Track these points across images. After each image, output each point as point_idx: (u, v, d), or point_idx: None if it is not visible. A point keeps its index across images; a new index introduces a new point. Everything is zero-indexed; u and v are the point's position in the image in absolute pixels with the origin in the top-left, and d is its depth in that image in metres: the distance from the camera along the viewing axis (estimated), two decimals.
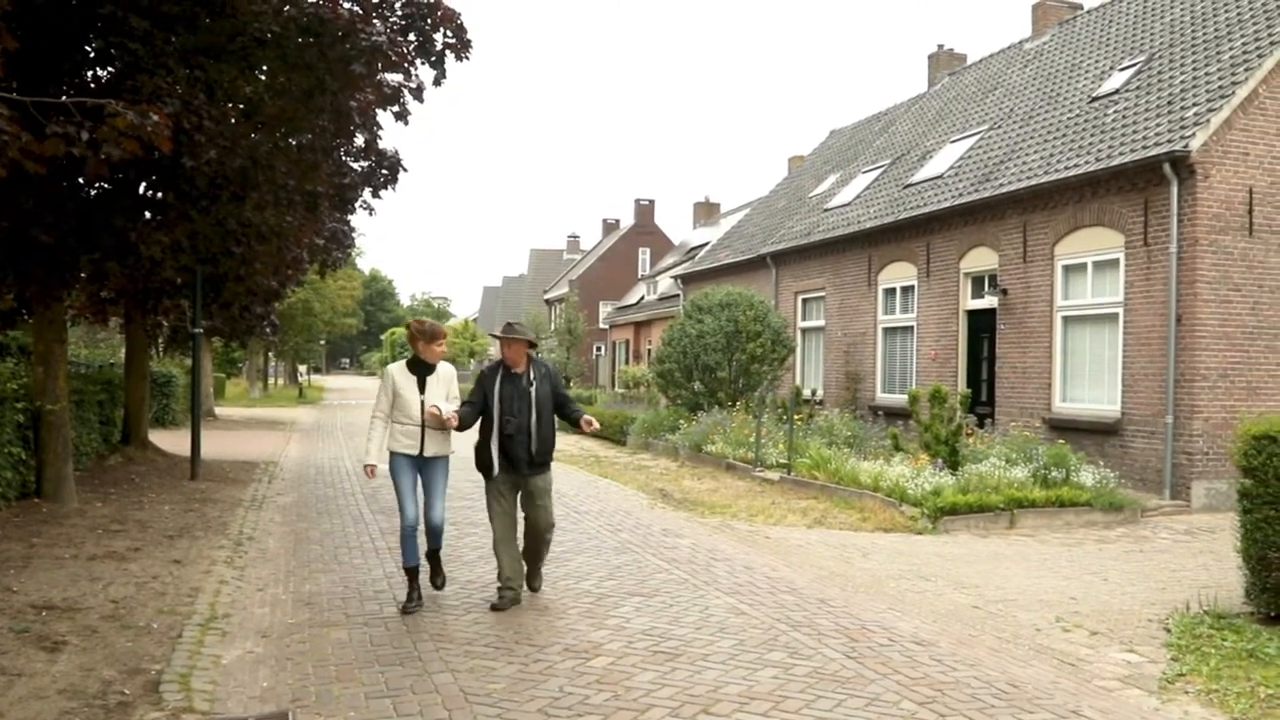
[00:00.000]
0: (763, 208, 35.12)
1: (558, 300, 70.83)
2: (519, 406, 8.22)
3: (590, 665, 6.71)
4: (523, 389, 8.28)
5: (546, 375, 8.47)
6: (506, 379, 8.32)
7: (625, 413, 27.69)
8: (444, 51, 12.33)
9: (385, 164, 17.06)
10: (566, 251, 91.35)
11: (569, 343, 55.79)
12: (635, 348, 51.08)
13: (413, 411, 8.24)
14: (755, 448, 18.32)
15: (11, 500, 12.15)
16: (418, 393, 8.28)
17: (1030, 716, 5.87)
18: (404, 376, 8.34)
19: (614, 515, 13.57)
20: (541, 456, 8.40)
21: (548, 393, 8.40)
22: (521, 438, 8.23)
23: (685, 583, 9.33)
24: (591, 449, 24.85)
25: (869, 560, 10.83)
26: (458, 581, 9.20)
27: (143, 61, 10.24)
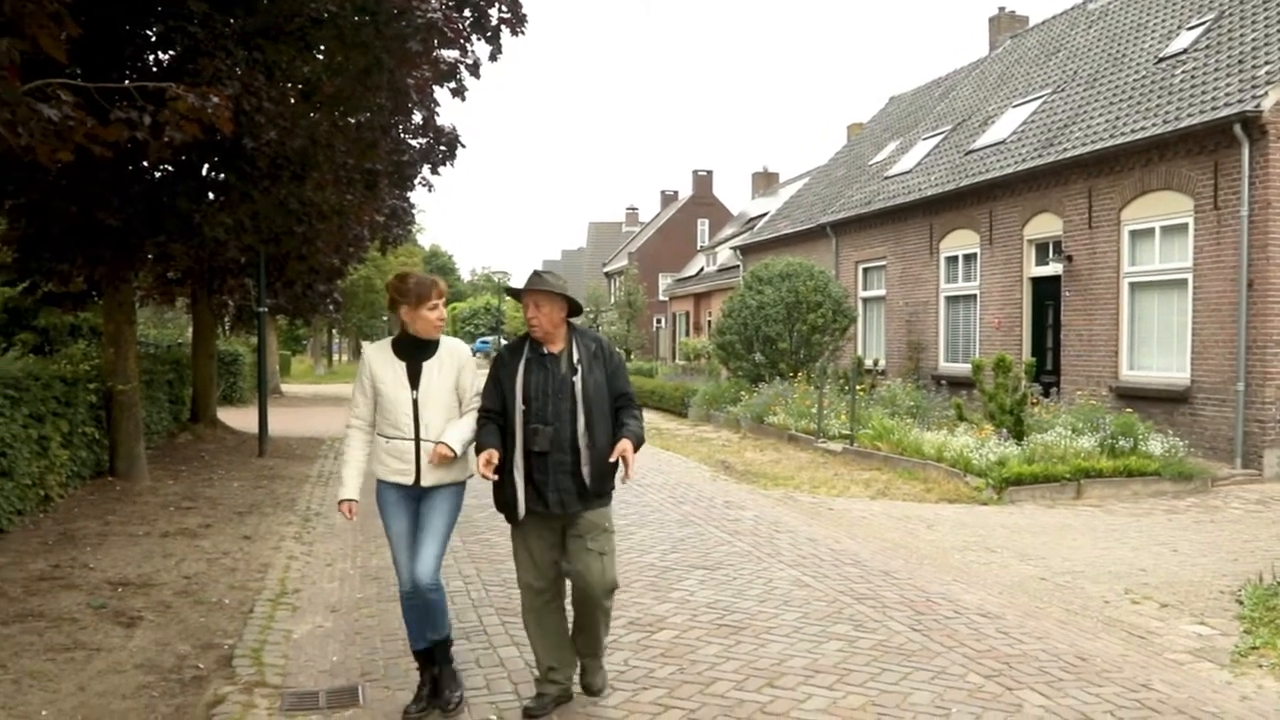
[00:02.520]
0: (822, 177, 34.87)
1: (617, 273, 70.87)
2: (555, 407, 5.23)
3: (655, 639, 6.74)
4: (560, 378, 5.27)
5: (598, 355, 5.40)
6: (534, 363, 5.32)
7: (686, 385, 27.68)
8: (499, 27, 12.32)
9: (443, 140, 17.11)
10: (625, 224, 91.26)
11: (629, 315, 55.81)
12: (695, 319, 51.02)
13: (400, 418, 5.44)
14: (817, 419, 18.25)
15: (86, 479, 12.42)
16: (408, 388, 5.45)
17: (1099, 690, 5.81)
18: (386, 363, 5.51)
19: (676, 488, 13.59)
20: (597, 485, 5.27)
21: (600, 384, 5.33)
22: (561, 458, 5.19)
23: (749, 555, 9.32)
24: (653, 421, 24.85)
25: (933, 532, 10.76)
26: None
27: (202, 44, 10.33)
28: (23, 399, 9.91)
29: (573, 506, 5.26)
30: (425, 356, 5.52)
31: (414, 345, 5.54)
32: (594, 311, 61.27)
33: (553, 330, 5.35)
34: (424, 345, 5.53)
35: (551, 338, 5.37)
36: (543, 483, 5.24)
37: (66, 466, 11.45)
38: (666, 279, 61.99)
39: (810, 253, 27.31)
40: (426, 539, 5.45)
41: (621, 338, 55.58)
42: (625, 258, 71.26)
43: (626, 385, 5.52)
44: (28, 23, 5.40)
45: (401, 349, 5.55)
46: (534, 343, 5.38)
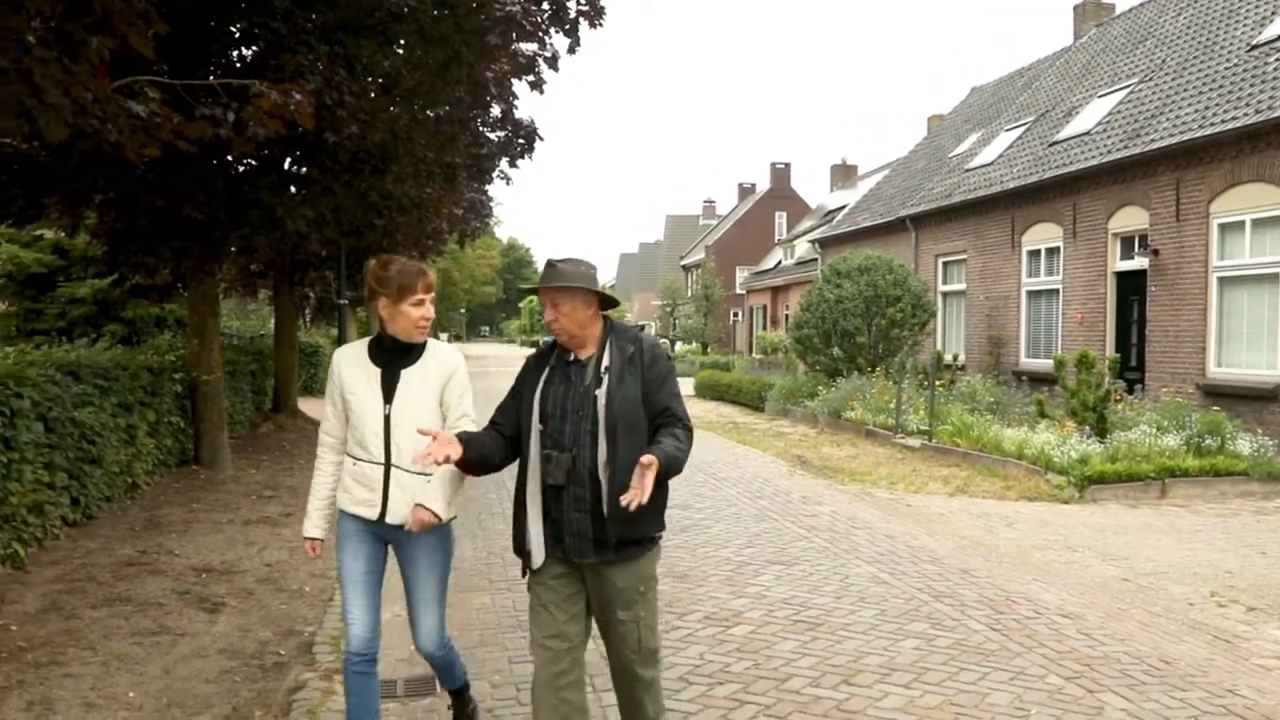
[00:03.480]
0: (901, 169, 34.52)
1: (694, 266, 70.79)
2: (574, 428, 4.15)
3: (730, 633, 6.72)
4: (582, 392, 4.19)
5: (634, 361, 4.22)
6: (558, 373, 4.29)
7: (763, 378, 27.57)
8: (578, 19, 12.34)
9: (522, 133, 17.21)
10: (702, 217, 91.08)
11: (706, 309, 55.72)
12: (772, 313, 50.79)
13: (368, 436, 4.48)
14: (895, 414, 18.08)
15: (172, 467, 12.68)
16: (380, 399, 4.48)
17: (1183, 694, 5.69)
18: (358, 368, 4.54)
19: (753, 482, 13.55)
20: (623, 529, 4.08)
21: (632, 397, 4.15)
22: (579, 492, 4.11)
23: (825, 551, 9.27)
24: (729, 415, 24.84)
25: (1013, 530, 10.61)
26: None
27: (285, 40, 10.47)
28: (111, 389, 10.14)
29: (589, 555, 4.11)
30: (405, 363, 4.51)
31: (393, 348, 4.51)
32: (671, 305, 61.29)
33: (579, 332, 4.22)
34: (406, 349, 4.51)
35: (580, 341, 4.25)
36: (557, 520, 4.15)
37: (153, 455, 11.69)
38: (743, 272, 61.77)
39: (889, 246, 27.05)
40: (421, 607, 4.62)
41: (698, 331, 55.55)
42: (702, 251, 71.16)
43: (671, 399, 4.19)
44: (118, 21, 5.51)
45: (378, 352, 4.53)
46: (562, 349, 4.32)
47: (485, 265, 59.02)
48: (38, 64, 4.80)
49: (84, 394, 9.42)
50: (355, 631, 4.52)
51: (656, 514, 4.17)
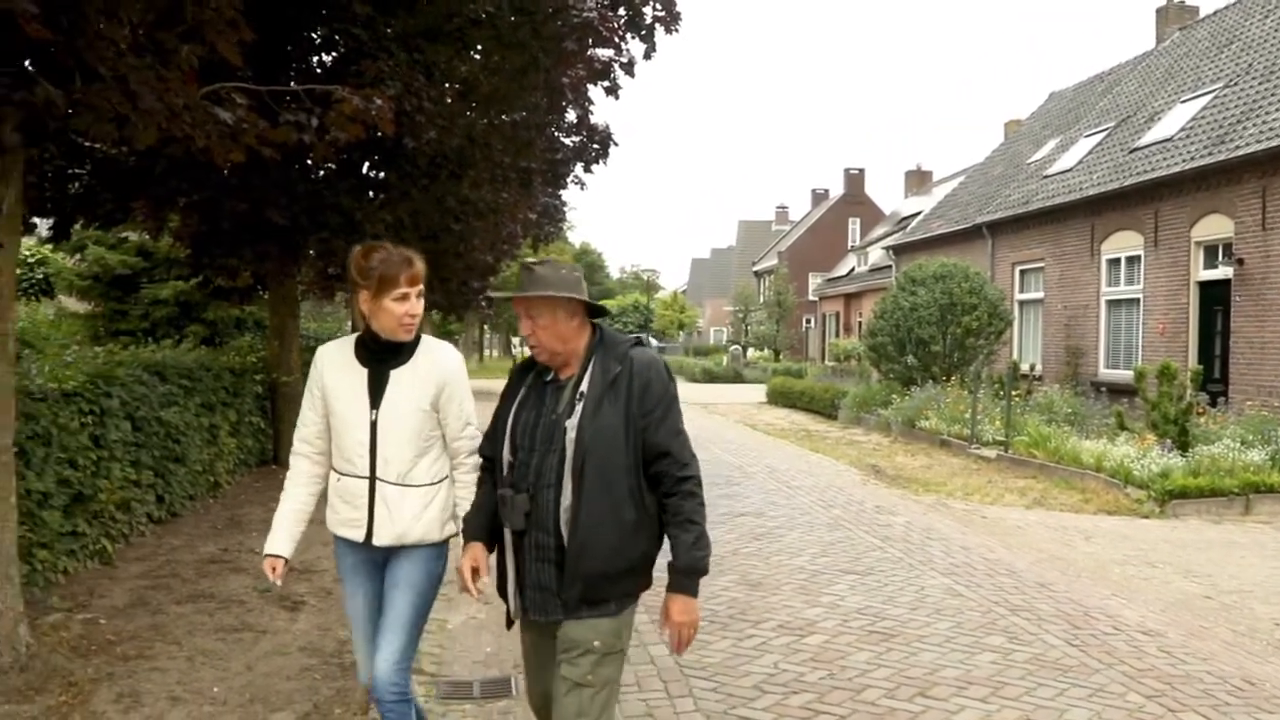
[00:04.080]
0: (978, 175, 34.17)
1: (766, 272, 70.60)
2: (540, 462, 3.61)
3: (805, 643, 6.69)
4: (552, 420, 3.63)
5: (619, 384, 3.59)
6: (534, 393, 3.77)
7: (836, 386, 27.42)
8: (653, 25, 12.36)
9: (596, 138, 17.28)
10: (775, 222, 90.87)
11: (778, 315, 55.51)
12: (845, 320, 50.48)
13: (353, 446, 4.01)
14: (971, 424, 17.89)
15: (252, 466, 12.91)
16: (366, 404, 4.00)
17: (1268, 717, 5.58)
18: (343, 369, 4.05)
19: (826, 491, 13.47)
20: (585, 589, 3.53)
21: (611, 429, 3.53)
22: (542, 539, 3.58)
23: (900, 562, 9.19)
24: (802, 423, 24.72)
25: (1091, 544, 10.46)
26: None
27: (365, 46, 10.60)
28: (196, 389, 10.34)
29: (552, 611, 3.58)
30: (395, 363, 4.00)
31: (380, 347, 4.00)
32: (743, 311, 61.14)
33: (562, 348, 3.64)
34: (396, 348, 4.00)
35: (562, 358, 3.67)
36: (526, 571, 3.64)
37: (234, 454, 11.91)
38: (816, 278, 61.49)
39: (965, 253, 26.77)
40: (383, 632, 4.02)
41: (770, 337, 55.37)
42: (775, 257, 70.96)
43: (671, 439, 3.52)
44: (207, 29, 5.62)
45: (364, 351, 4.03)
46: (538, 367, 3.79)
47: None
48: (133, 70, 4.91)
49: (170, 394, 9.61)
50: (362, 675, 4.23)
51: (634, 573, 3.58)
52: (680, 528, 3.55)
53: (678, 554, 3.54)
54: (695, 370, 49.27)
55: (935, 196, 44.88)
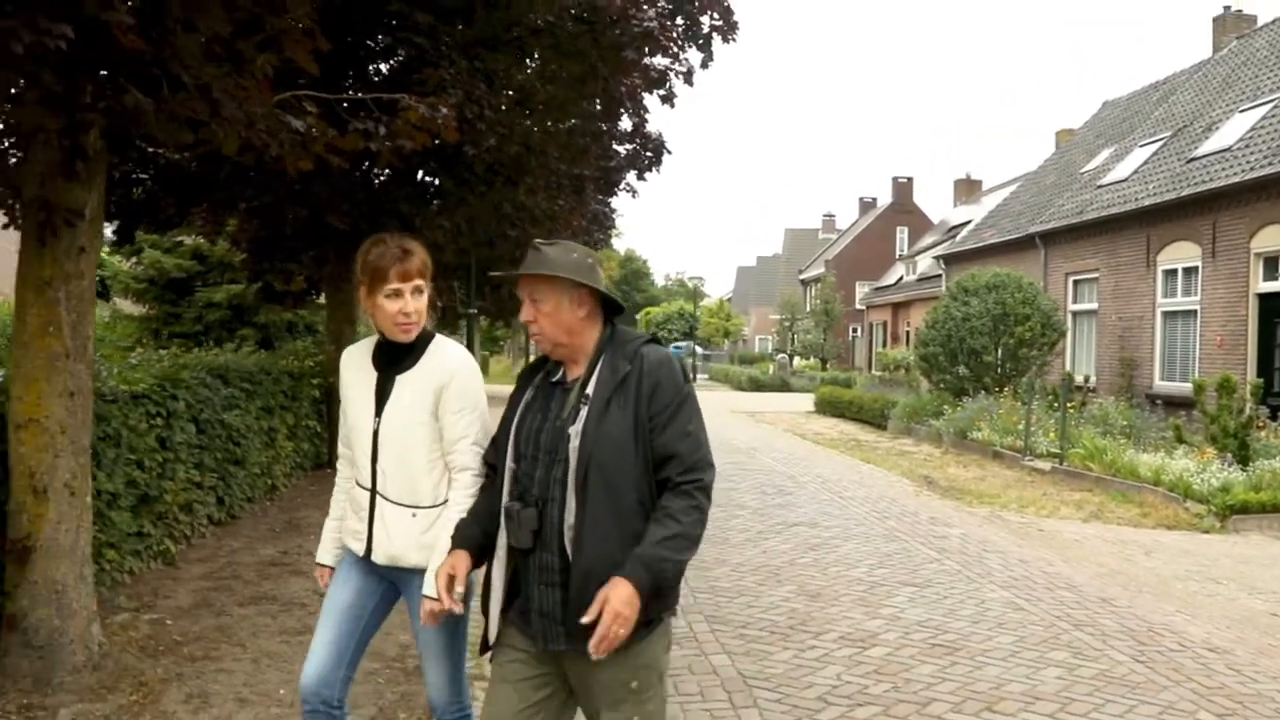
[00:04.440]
0: (1030, 185, 33.90)
1: (813, 280, 70.39)
2: (545, 473, 3.22)
3: (867, 655, 6.66)
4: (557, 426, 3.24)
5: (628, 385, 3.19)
6: (540, 395, 3.39)
7: (885, 396, 27.27)
8: (711, 34, 12.36)
9: (650, 146, 17.29)
10: (822, 231, 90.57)
11: (826, 324, 55.32)
12: (893, 329, 50.24)
13: (359, 456, 3.80)
14: (1024, 436, 17.74)
15: (308, 470, 13.01)
16: (371, 410, 3.75)
17: None
18: (358, 371, 3.84)
19: (879, 501, 13.40)
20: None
21: (619, 434, 3.14)
22: (548, 559, 3.19)
23: (958, 574, 9.13)
24: (851, 432, 24.61)
25: (1152, 559, 10.34)
26: (728, 564, 9.28)
27: (427, 54, 10.67)
28: (256, 392, 10.45)
29: (560, 641, 3.16)
30: (403, 368, 3.71)
31: (391, 349, 3.75)
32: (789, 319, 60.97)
33: (566, 340, 3.28)
34: (405, 350, 3.72)
35: (567, 353, 3.31)
36: (527, 595, 3.25)
37: (291, 457, 12.01)
38: (864, 287, 61.21)
39: (1017, 263, 26.55)
40: (427, 662, 3.86)
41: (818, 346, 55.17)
42: (822, 265, 70.77)
43: (680, 441, 3.13)
44: (285, 39, 5.68)
45: (379, 353, 3.79)
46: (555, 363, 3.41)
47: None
48: (215, 79, 4.97)
49: (231, 397, 9.72)
50: (305, 668, 3.75)
51: (653, 595, 3.03)
52: (658, 521, 3.05)
53: (642, 545, 3.00)
54: (741, 379, 49.19)
55: (985, 205, 44.61)
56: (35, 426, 5.40)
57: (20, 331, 5.44)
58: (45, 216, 5.28)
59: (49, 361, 5.41)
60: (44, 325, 5.40)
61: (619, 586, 2.94)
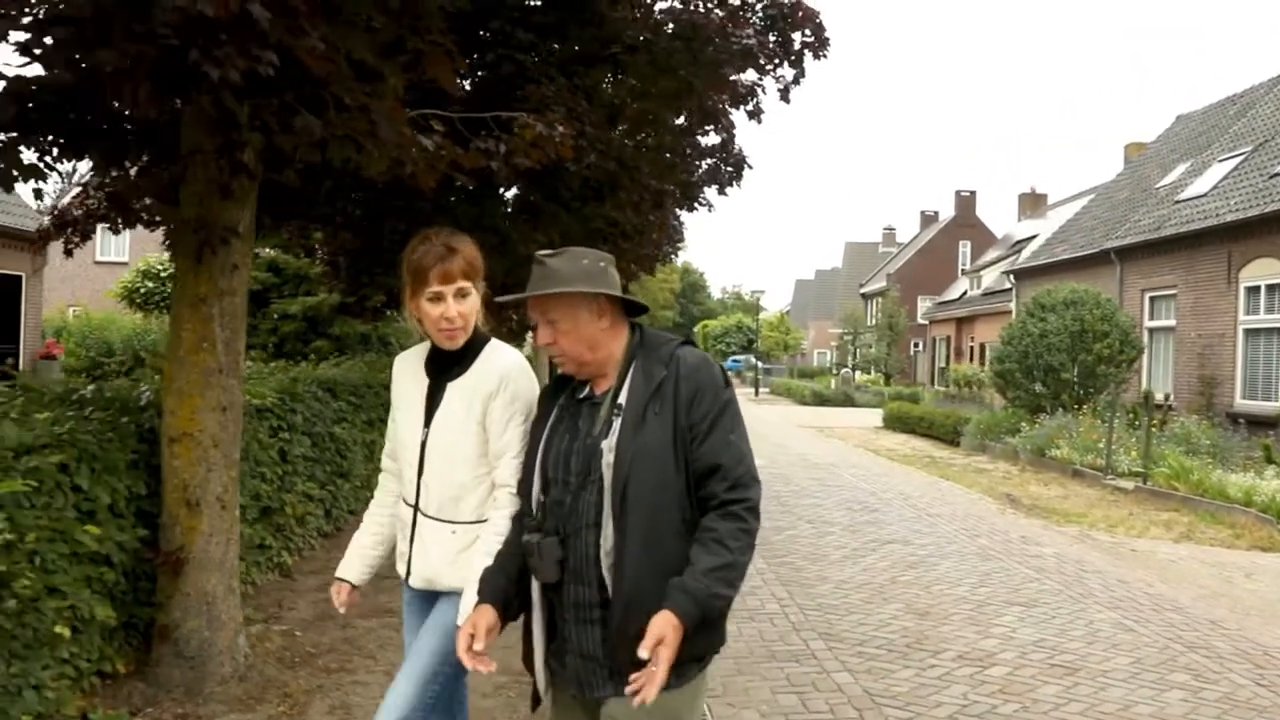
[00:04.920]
0: (1102, 200, 33.58)
1: (874, 294, 70.07)
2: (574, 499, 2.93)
3: (988, 674, 6.66)
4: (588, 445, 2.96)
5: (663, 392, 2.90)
6: (567, 414, 3.11)
7: (957, 412, 27.13)
8: (802, 51, 12.44)
9: (731, 161, 17.36)
10: (882, 244, 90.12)
11: (890, 339, 55.04)
12: (956, 344, 49.89)
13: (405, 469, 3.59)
14: (1105, 454, 17.58)
15: None
16: (420, 420, 3.51)
17: None
18: (411, 379, 3.60)
19: (966, 519, 13.35)
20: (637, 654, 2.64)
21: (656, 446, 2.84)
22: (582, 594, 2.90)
23: (1060, 594, 9.09)
24: (923, 448, 24.49)
25: (1253, 581, 10.23)
26: (830, 581, 9.31)
27: (529, 72, 10.82)
28: (361, 405, 10.62)
29: (599, 687, 2.90)
30: (453, 374, 3.45)
31: (442, 355, 3.48)
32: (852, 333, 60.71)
33: (591, 357, 2.99)
34: (457, 356, 3.45)
35: (594, 368, 3.03)
36: (565, 635, 2.96)
37: None
38: (925, 301, 60.85)
39: (1090, 279, 26.29)
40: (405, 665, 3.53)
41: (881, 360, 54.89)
42: (884, 279, 70.40)
43: (722, 450, 2.83)
44: (427, 59, 5.82)
45: (431, 360, 3.54)
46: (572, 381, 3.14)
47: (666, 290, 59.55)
48: (372, 100, 5.11)
49: (340, 410, 9.89)
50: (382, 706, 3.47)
51: (699, 628, 2.71)
52: (704, 546, 2.73)
53: (688, 575, 2.68)
54: (804, 393, 49.03)
55: (1050, 220, 44.26)
56: (189, 440, 5.54)
57: (175, 347, 5.60)
58: (204, 235, 5.44)
59: (203, 377, 5.56)
60: (198, 341, 5.56)
61: (661, 619, 2.61)
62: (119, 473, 5.42)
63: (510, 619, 3.04)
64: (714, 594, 2.67)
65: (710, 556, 2.70)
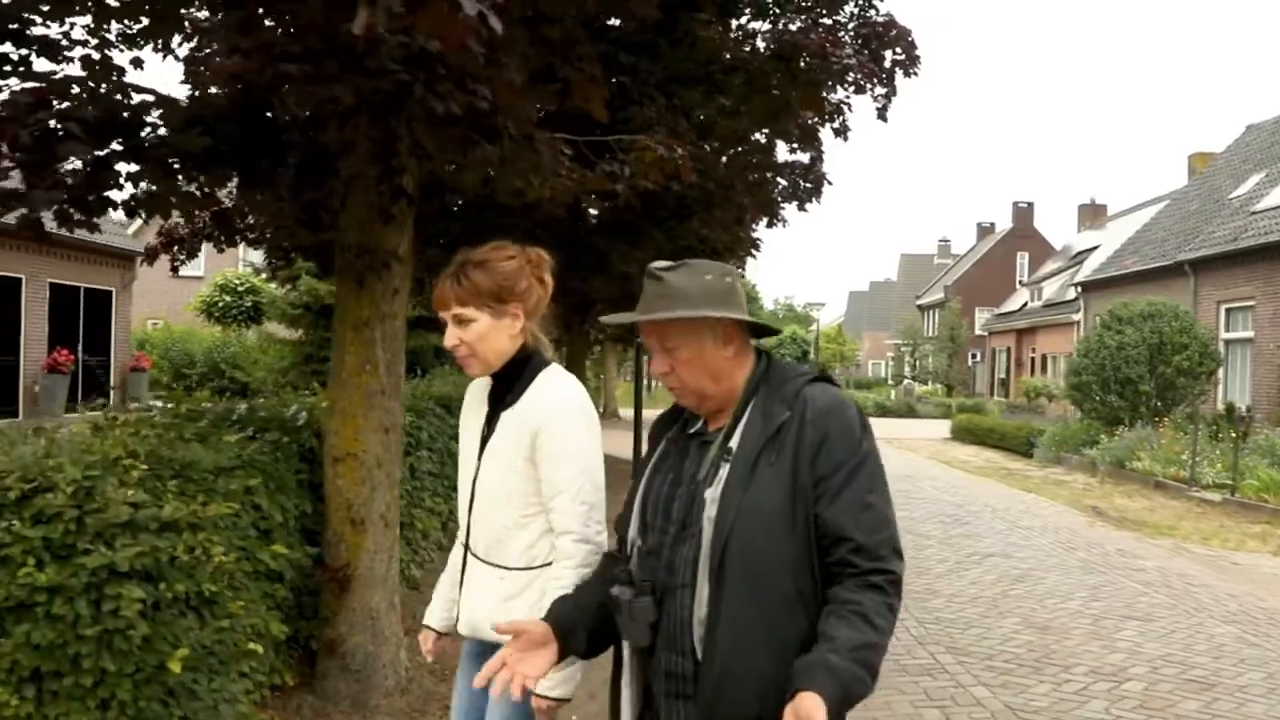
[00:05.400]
0: (1171, 211, 33.28)
1: (931, 306, 69.77)
2: (671, 553, 2.49)
3: (1124, 689, 6.69)
4: (691, 491, 2.50)
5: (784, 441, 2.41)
6: (674, 449, 2.67)
7: (1029, 424, 27.02)
8: (893, 69, 12.52)
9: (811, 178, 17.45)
10: (937, 256, 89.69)
11: (951, 350, 54.76)
12: (1017, 355, 49.60)
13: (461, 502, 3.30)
14: (1190, 466, 17.47)
15: None
16: (475, 449, 3.24)
17: None
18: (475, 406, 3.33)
19: (1058, 532, 13.32)
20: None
21: (768, 510, 2.37)
22: (675, 663, 2.45)
23: (1174, 608, 9.08)
24: (996, 460, 24.42)
25: None
26: (941, 595, 9.35)
27: (630, 93, 10.98)
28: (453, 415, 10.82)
29: None
30: (507, 404, 3.12)
31: (499, 381, 3.17)
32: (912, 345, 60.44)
33: (716, 390, 2.54)
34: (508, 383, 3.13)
35: (716, 402, 2.57)
36: (656, 708, 2.54)
37: None
38: (983, 313, 60.50)
39: (1163, 290, 26.11)
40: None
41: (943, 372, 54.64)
42: (940, 290, 70.03)
43: (856, 514, 2.35)
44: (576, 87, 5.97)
45: (493, 387, 3.22)
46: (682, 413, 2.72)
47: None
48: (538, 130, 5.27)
49: (455, 426, 10.06)
50: None
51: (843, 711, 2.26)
52: (845, 619, 2.25)
53: (829, 650, 2.20)
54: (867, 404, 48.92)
55: (1110, 231, 43.92)
56: (353, 460, 5.71)
57: (339, 369, 5.78)
58: (366, 260, 5.61)
59: (365, 398, 5.73)
60: (361, 363, 5.73)
61: (804, 701, 2.09)
62: (289, 492, 5.61)
63: (573, 653, 2.61)
64: (857, 677, 2.17)
65: (853, 631, 2.21)
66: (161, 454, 4.57)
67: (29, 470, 3.92)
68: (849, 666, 2.17)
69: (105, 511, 3.90)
